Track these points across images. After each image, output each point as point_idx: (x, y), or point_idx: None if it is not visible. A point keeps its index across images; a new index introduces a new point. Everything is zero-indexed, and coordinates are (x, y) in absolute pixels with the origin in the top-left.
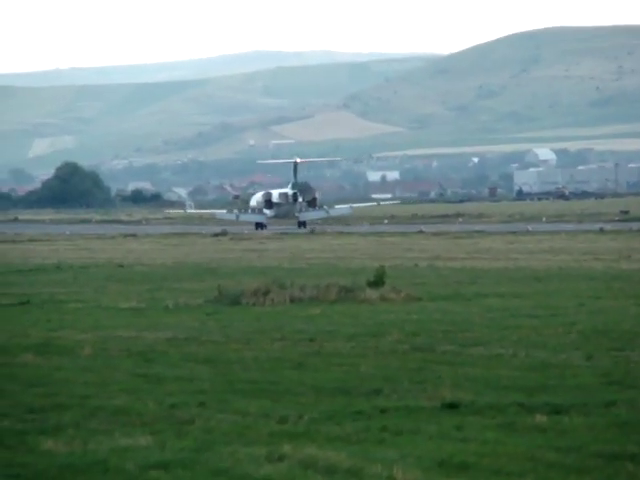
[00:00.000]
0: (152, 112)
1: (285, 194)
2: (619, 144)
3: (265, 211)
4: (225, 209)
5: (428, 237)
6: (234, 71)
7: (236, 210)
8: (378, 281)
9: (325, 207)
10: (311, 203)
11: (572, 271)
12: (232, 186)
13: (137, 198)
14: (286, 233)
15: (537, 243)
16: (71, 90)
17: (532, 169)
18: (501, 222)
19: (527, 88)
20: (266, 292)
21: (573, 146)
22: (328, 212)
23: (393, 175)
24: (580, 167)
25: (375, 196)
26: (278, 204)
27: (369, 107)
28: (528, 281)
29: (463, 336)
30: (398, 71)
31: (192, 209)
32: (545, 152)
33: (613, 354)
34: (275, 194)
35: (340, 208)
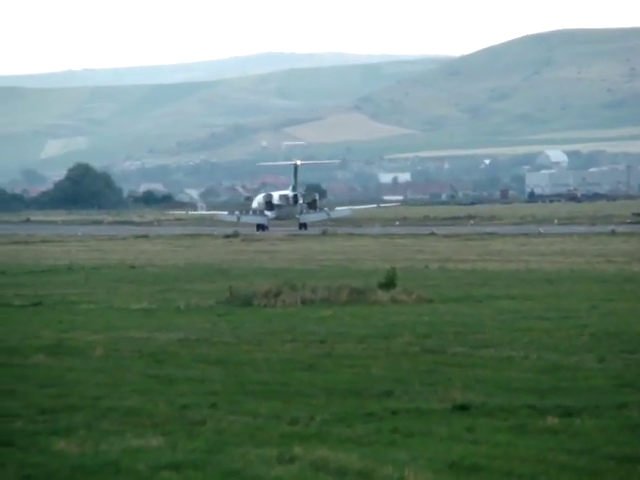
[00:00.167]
0: (165, 113)
1: (285, 196)
2: (631, 146)
3: (266, 213)
4: (226, 210)
5: (439, 239)
6: (247, 73)
7: (237, 212)
8: (389, 283)
9: (326, 209)
10: (311, 205)
11: (584, 273)
12: (244, 187)
13: (149, 199)
14: (298, 235)
15: (549, 245)
16: (84, 91)
17: (544, 171)
18: (513, 224)
19: (539, 90)
20: (277, 293)
21: (585, 148)
22: (329, 214)
23: (405, 177)
24: (592, 169)
25: (387, 198)
26: (279, 206)
27: (381, 109)
28: (540, 283)
29: (474, 338)
30: (410, 73)
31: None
32: (557, 154)
33: (625, 356)
34: (276, 196)
35: (340, 210)
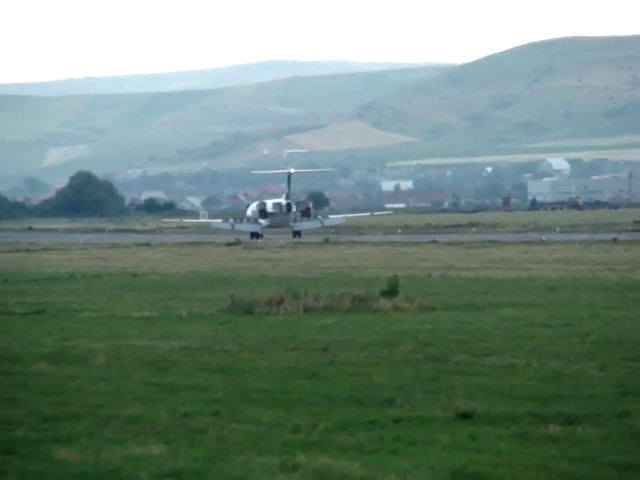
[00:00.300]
0: (166, 121)
1: (279, 204)
2: (633, 154)
3: (260, 221)
4: (222, 219)
5: (441, 247)
6: (248, 80)
7: (232, 220)
8: (392, 291)
9: (319, 217)
10: (305, 213)
11: (586, 281)
12: (246, 195)
13: (151, 207)
14: (300, 243)
15: (551, 253)
16: (85, 99)
17: (546, 179)
18: (515, 232)
19: (541, 98)
20: (280, 301)
21: (587, 156)
22: (322, 222)
23: (407, 185)
24: (594, 177)
25: (389, 205)
26: (272, 214)
27: (383, 117)
28: (542, 291)
29: (476, 346)
30: (412, 81)
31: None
32: (559, 162)
33: (627, 364)
34: (269, 204)
35: (334, 218)
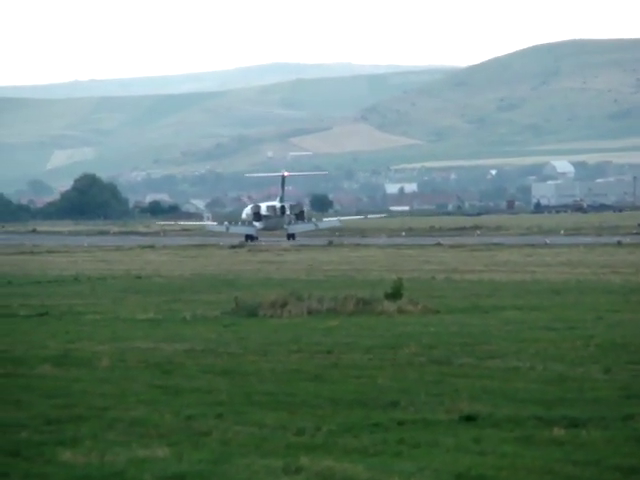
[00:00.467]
0: (170, 124)
1: (273, 207)
2: (638, 157)
3: (254, 223)
4: (217, 222)
5: (446, 249)
6: (252, 83)
7: (226, 222)
8: (396, 293)
9: (313, 220)
10: (299, 216)
11: (590, 284)
12: (250, 198)
13: (155, 210)
14: (304, 245)
15: (555, 256)
16: (90, 102)
17: (550, 182)
18: (519, 235)
19: (546, 101)
20: (283, 304)
21: (591, 159)
22: (317, 225)
23: (411, 187)
24: (598, 180)
25: (393, 208)
26: (267, 216)
27: (387, 119)
28: (546, 294)
29: (480, 349)
30: (416, 83)
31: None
32: (563, 165)
33: (631, 367)
34: (263, 207)
35: (328, 221)
